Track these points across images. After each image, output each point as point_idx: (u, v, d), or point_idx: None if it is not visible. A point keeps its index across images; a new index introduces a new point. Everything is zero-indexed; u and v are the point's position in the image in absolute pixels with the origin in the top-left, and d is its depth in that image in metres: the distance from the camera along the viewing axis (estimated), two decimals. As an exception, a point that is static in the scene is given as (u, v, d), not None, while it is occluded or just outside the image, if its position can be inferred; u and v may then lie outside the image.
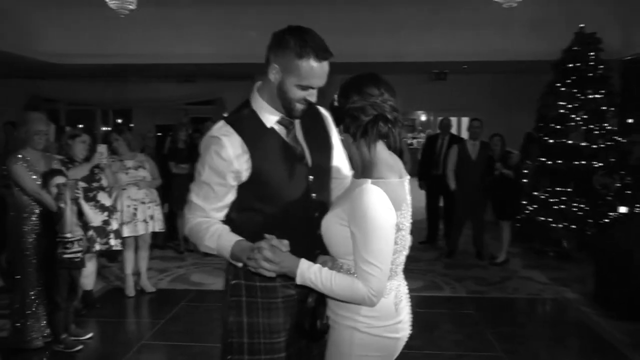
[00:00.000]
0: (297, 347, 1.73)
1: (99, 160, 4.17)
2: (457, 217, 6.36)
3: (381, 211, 1.47)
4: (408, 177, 1.65)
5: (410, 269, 5.81)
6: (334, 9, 7.07)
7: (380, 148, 1.57)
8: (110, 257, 5.69)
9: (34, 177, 3.57)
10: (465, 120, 9.43)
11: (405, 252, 1.68)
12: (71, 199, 3.49)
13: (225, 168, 1.62)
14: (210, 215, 1.68)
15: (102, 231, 4.28)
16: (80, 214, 3.68)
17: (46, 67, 7.71)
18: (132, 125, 10.19)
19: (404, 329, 1.68)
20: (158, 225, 4.81)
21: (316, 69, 1.58)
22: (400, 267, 1.67)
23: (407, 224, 1.61)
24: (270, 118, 1.69)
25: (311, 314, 1.61)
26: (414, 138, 8.96)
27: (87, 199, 4.11)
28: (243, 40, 7.01)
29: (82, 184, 4.11)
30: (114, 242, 4.37)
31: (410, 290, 1.54)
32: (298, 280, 1.51)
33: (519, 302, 4.89)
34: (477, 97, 8.72)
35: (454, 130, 9.88)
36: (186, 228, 1.73)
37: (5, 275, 4.56)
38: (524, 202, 6.53)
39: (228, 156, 1.60)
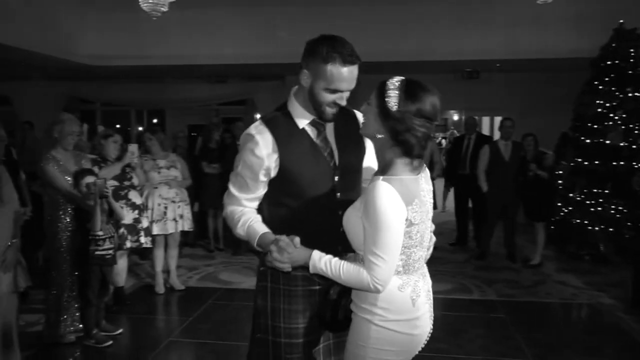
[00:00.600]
0: (318, 336, 1.82)
1: (130, 160, 4.26)
2: (488, 218, 6.23)
3: (389, 206, 1.53)
4: (425, 172, 1.69)
5: (439, 271, 5.80)
6: (364, 8, 7.03)
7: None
8: (142, 254, 5.82)
9: (66, 176, 3.67)
10: (498, 120, 9.22)
11: (425, 249, 1.72)
12: (100, 198, 3.57)
13: (257, 165, 1.76)
14: (243, 204, 1.84)
15: (133, 229, 4.38)
16: (111, 212, 3.77)
17: (83, 69, 7.94)
18: (160, 124, 10.41)
19: (422, 326, 1.69)
20: (187, 225, 4.88)
21: (343, 73, 1.67)
22: (419, 263, 1.70)
23: (423, 219, 1.63)
24: (303, 120, 1.81)
25: (332, 306, 1.70)
26: (443, 138, 8.81)
27: (119, 198, 4.22)
28: (273, 40, 7.05)
29: (113, 183, 4.22)
30: (144, 240, 4.47)
31: (438, 292, 1.57)
32: (311, 270, 1.63)
33: (551, 306, 4.75)
34: (510, 96, 8.51)
35: (486, 130, 9.75)
36: (224, 212, 1.90)
37: (41, 272, 4.71)
38: (559, 204, 6.35)
39: (261, 154, 1.74)
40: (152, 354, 3.60)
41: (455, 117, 15.77)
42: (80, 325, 3.77)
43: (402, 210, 1.55)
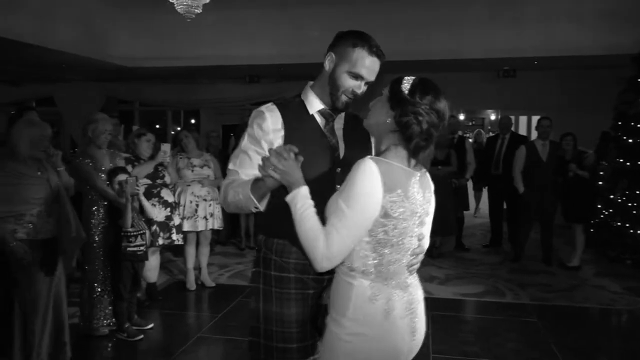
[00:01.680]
0: (314, 342, 1.76)
1: (163, 159, 4.35)
2: (524, 220, 6.07)
3: (365, 182, 1.46)
4: (423, 180, 1.60)
5: (472, 273, 5.70)
6: (394, 7, 6.95)
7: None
8: (175, 251, 5.94)
9: (100, 173, 3.78)
10: (536, 119, 8.98)
11: (405, 254, 1.56)
12: (132, 195, 3.66)
13: (261, 137, 1.76)
14: (242, 177, 1.77)
15: (165, 226, 4.48)
16: (142, 210, 3.86)
17: (120, 71, 8.16)
18: (196, 124, 10.59)
19: (397, 345, 1.53)
20: (217, 223, 4.95)
21: (367, 60, 1.72)
22: (397, 270, 1.55)
23: (405, 217, 1.51)
24: (314, 107, 1.82)
25: (324, 311, 1.62)
26: (476, 141, 8.61)
27: (151, 195, 4.32)
28: (305, 40, 7.05)
29: (146, 181, 4.33)
30: (175, 237, 4.56)
31: (470, 295, 1.46)
32: (288, 198, 1.55)
33: (588, 311, 4.58)
34: (547, 95, 8.25)
35: (523, 130, 9.49)
36: (221, 190, 1.83)
37: (78, 266, 4.87)
38: (599, 206, 6.12)
39: (267, 127, 1.76)
40: (181, 349, 3.67)
41: (493, 117, 15.43)
42: (113, 319, 3.88)
43: (377, 191, 1.46)
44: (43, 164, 3.12)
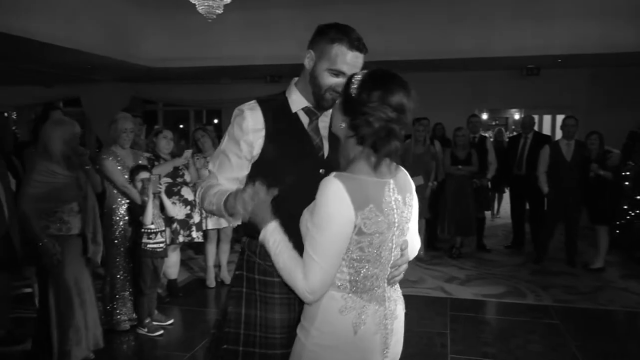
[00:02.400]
0: None
1: (182, 163, 4.45)
2: (548, 220, 5.96)
3: (332, 203, 1.37)
4: (398, 179, 1.50)
5: (492, 274, 5.63)
6: (419, 5, 6.90)
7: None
8: (197, 249, 6.02)
9: (123, 171, 3.86)
10: (560, 119, 8.83)
11: (384, 267, 1.48)
12: (153, 193, 3.73)
13: (240, 137, 1.68)
14: (220, 183, 1.72)
15: (185, 224, 4.54)
16: (162, 208, 3.93)
17: (146, 71, 8.32)
18: (218, 123, 10.69)
19: None
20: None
21: (347, 56, 1.61)
22: (374, 284, 1.47)
23: (381, 230, 1.43)
24: (297, 105, 1.74)
25: None
26: (496, 139, 8.47)
27: (172, 194, 4.39)
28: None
29: (167, 180, 4.40)
30: (195, 235, 4.63)
31: (490, 295, 1.40)
32: (260, 238, 1.50)
33: (612, 314, 4.48)
34: (573, 93, 8.10)
35: (547, 129, 9.32)
36: (197, 191, 1.79)
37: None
38: (624, 207, 5.97)
39: (247, 127, 1.68)
40: (200, 344, 3.72)
41: (517, 117, 15.19)
42: (134, 314, 3.95)
43: (347, 212, 1.37)
44: (73, 163, 3.19)
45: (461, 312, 4.39)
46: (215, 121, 11.56)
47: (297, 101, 1.73)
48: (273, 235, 1.47)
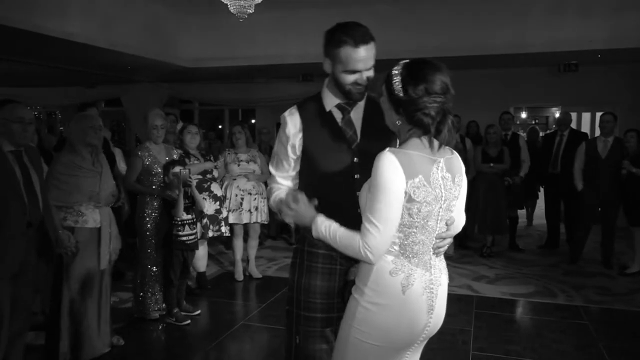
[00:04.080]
0: (335, 315, 1.86)
1: (210, 167, 4.63)
2: (583, 220, 5.80)
3: (387, 173, 1.53)
4: (447, 160, 1.63)
5: (524, 273, 5.55)
6: (452, 1, 6.84)
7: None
8: (227, 244, 6.16)
9: (156, 165, 4.00)
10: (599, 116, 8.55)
11: (430, 236, 1.62)
12: (184, 187, 3.85)
13: (285, 142, 1.94)
14: (278, 182, 2.01)
15: (215, 219, 4.67)
16: (193, 202, 4.05)
17: (183, 72, 8.56)
18: (253, 122, 10.87)
19: (411, 319, 1.61)
20: (261, 217, 5.07)
21: (355, 54, 1.76)
22: (421, 249, 1.62)
23: (428, 200, 1.57)
24: (330, 103, 1.93)
25: (350, 288, 1.71)
26: (529, 138, 8.21)
27: (202, 190, 4.52)
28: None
29: (197, 176, 4.52)
30: (224, 229, 4.75)
31: (518, 295, 1.43)
32: (313, 234, 1.69)
33: (646, 317, 4.34)
34: (612, 90, 7.84)
35: (586, 127, 9.03)
36: (267, 193, 2.08)
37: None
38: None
39: (289, 132, 1.93)
40: (225, 334, 3.83)
41: (557, 115, 14.77)
42: (164, 304, 4.09)
43: (400, 180, 1.53)
44: (98, 158, 3.34)
45: (486, 309, 4.34)
46: (253, 121, 11.76)
47: (330, 100, 1.92)
48: (323, 224, 1.66)
